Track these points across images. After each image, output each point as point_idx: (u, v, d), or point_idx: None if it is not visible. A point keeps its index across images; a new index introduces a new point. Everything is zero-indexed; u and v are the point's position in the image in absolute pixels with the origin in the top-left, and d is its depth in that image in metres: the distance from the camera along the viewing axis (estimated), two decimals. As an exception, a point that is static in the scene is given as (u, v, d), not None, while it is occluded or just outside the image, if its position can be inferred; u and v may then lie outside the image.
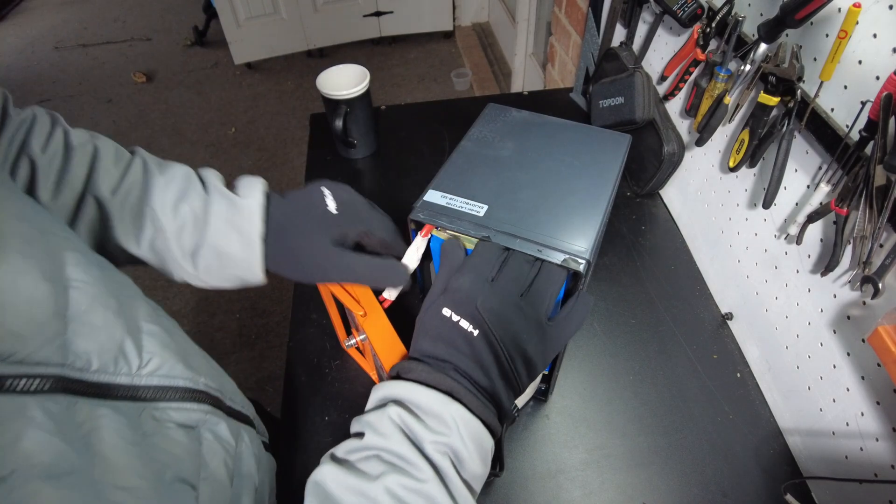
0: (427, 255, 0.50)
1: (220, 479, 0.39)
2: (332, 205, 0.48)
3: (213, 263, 0.47)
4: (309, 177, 0.96)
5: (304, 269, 0.47)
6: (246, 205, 0.47)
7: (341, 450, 0.37)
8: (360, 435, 0.37)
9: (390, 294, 0.49)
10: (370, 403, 0.40)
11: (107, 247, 0.46)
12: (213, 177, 0.49)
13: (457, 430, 0.35)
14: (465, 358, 0.39)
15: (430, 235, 0.48)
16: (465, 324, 0.39)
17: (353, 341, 0.57)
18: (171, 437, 0.36)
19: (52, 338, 0.29)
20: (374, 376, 0.65)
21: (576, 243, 0.45)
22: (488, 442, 0.38)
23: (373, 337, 0.47)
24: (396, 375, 0.40)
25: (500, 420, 0.39)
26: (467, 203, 0.48)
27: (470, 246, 0.47)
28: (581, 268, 0.43)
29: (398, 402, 0.37)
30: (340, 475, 0.34)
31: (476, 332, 0.39)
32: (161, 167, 0.48)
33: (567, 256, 0.44)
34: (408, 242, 0.50)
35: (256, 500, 0.45)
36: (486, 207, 0.48)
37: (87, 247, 0.37)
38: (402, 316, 0.53)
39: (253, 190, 0.48)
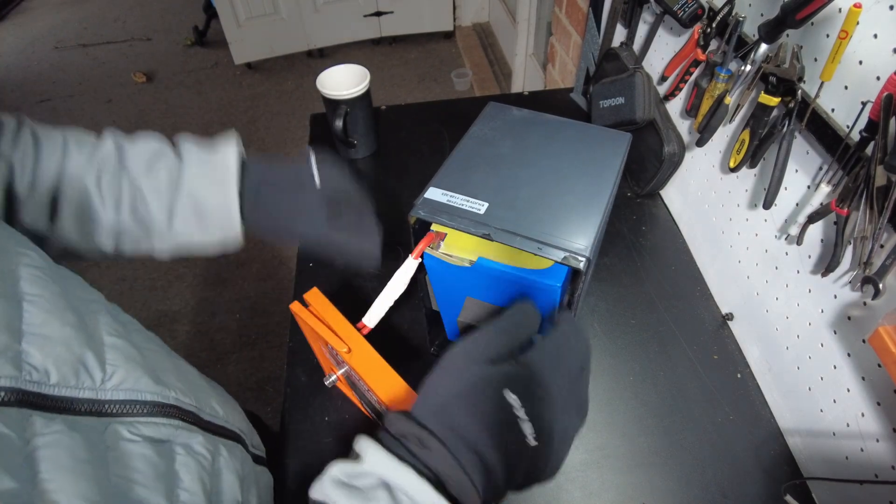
0: (421, 271, 0.50)
1: (197, 494, 0.38)
2: (314, 164, 0.49)
3: (190, 218, 0.48)
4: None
5: (280, 225, 0.48)
6: (221, 154, 0.48)
7: None
8: None
9: (370, 321, 0.48)
10: (358, 467, 0.30)
11: (94, 230, 0.48)
12: (187, 139, 0.51)
13: None
14: (498, 467, 0.31)
15: (422, 257, 0.48)
16: (528, 429, 0.31)
17: (332, 378, 0.53)
18: (137, 453, 0.34)
19: (3, 350, 0.29)
20: (363, 408, 0.61)
21: (576, 241, 0.45)
22: None
23: (363, 373, 0.43)
24: (405, 450, 0.31)
25: None
26: (468, 200, 0.48)
27: (461, 264, 0.47)
28: (581, 265, 0.43)
29: (391, 494, 0.29)
30: None
31: (534, 445, 0.31)
32: (132, 138, 0.50)
33: (567, 254, 0.44)
34: (409, 241, 0.50)
35: None
36: (486, 205, 0.48)
37: (48, 262, 0.36)
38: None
39: (227, 143, 0.49)
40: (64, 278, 0.37)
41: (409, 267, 0.48)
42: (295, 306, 0.48)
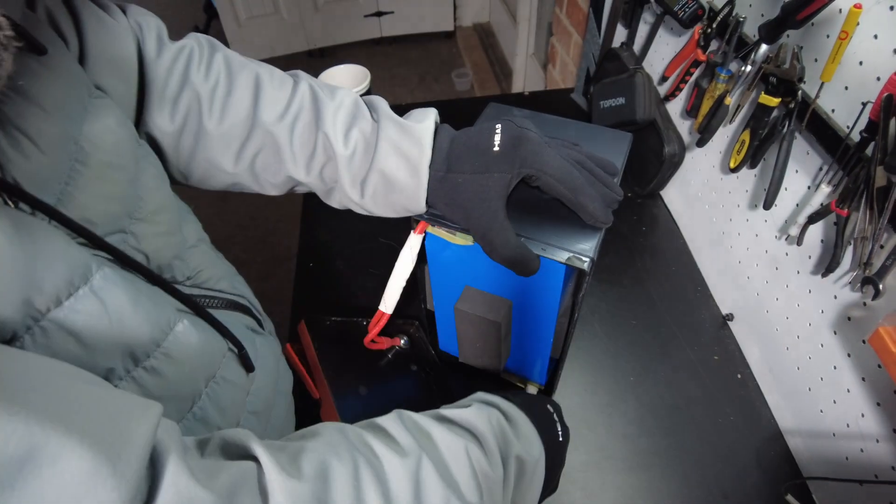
0: (423, 258, 0.50)
1: (269, 370, 0.45)
2: (497, 140, 0.43)
3: (379, 190, 0.45)
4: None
5: (456, 208, 0.44)
6: (417, 130, 0.44)
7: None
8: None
9: (386, 307, 0.49)
10: (469, 399, 0.43)
11: (275, 177, 0.46)
12: (382, 102, 0.47)
13: (535, 461, 0.39)
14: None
15: (424, 233, 0.47)
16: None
17: None
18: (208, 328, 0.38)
19: (118, 231, 0.33)
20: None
21: (579, 242, 0.45)
22: (539, 485, 0.41)
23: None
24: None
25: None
26: None
27: (463, 242, 0.46)
28: (585, 266, 0.43)
29: (500, 410, 0.41)
30: (428, 415, 0.37)
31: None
32: (328, 92, 0.46)
33: (571, 255, 0.44)
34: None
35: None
36: None
37: (160, 163, 0.40)
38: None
39: (425, 117, 0.46)
40: (168, 184, 0.41)
41: (413, 243, 0.47)
42: (288, 349, 0.57)
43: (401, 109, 0.48)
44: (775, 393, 0.65)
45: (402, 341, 0.64)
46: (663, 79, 0.83)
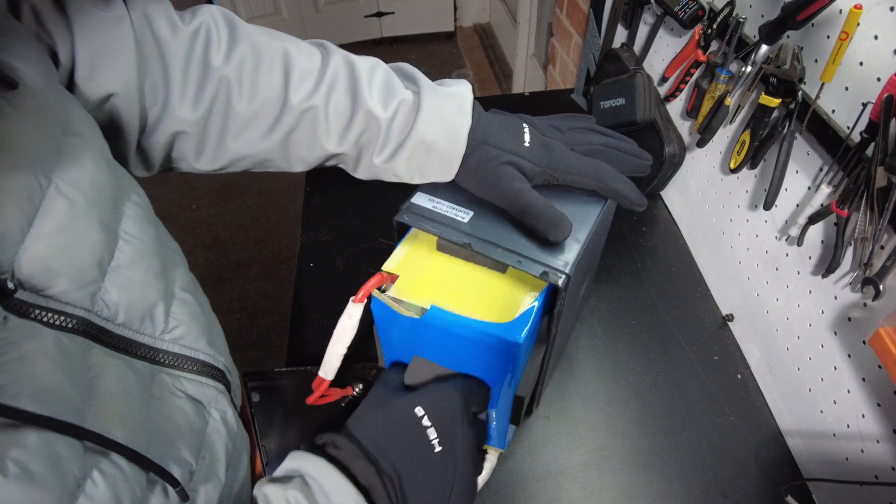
0: (368, 319, 0.45)
1: (220, 462, 0.39)
2: (527, 137, 0.44)
3: (417, 154, 0.44)
4: (310, 177, 0.96)
5: (483, 179, 0.44)
6: (458, 97, 0.44)
7: None
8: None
9: (325, 373, 0.46)
10: (281, 469, 0.37)
11: (309, 152, 0.45)
12: (412, 68, 0.47)
13: None
14: (408, 463, 0.37)
15: (367, 300, 0.43)
16: (433, 434, 0.38)
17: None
18: (178, 407, 0.35)
19: (87, 284, 0.30)
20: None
21: (558, 256, 0.43)
22: None
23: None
24: (322, 445, 0.38)
25: None
26: (453, 208, 0.47)
27: (408, 314, 0.43)
28: (560, 282, 0.41)
29: (305, 483, 0.34)
30: None
31: (439, 450, 0.38)
32: (359, 59, 0.45)
33: (546, 269, 0.42)
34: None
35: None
36: (471, 214, 0.47)
37: (149, 205, 0.37)
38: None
39: (462, 86, 0.45)
40: (158, 224, 0.38)
41: (351, 312, 0.43)
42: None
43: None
44: (775, 393, 0.65)
45: (357, 390, 0.55)
46: (663, 79, 0.83)
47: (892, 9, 0.43)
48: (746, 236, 0.68)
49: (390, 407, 0.41)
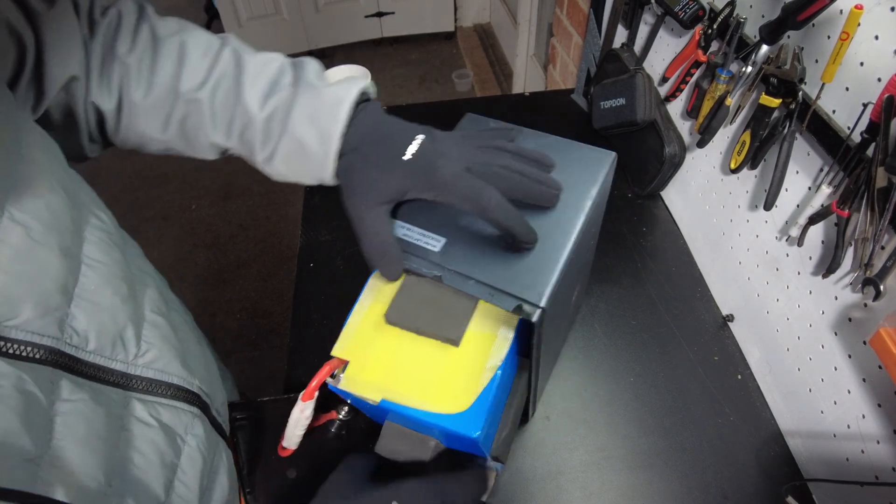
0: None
1: (193, 491, 0.38)
2: (412, 150, 0.41)
3: (291, 154, 0.44)
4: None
5: (346, 186, 0.43)
6: (334, 98, 0.43)
7: None
8: None
9: (288, 443, 0.45)
10: None
11: (198, 142, 0.45)
12: (311, 65, 0.46)
13: None
14: None
15: (313, 398, 0.42)
16: None
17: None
18: (149, 439, 0.35)
19: (52, 310, 0.29)
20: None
21: (533, 287, 0.40)
22: None
23: None
24: None
25: None
26: (424, 236, 0.44)
27: (374, 400, 0.40)
28: (534, 317, 0.38)
29: None
30: None
31: None
32: (253, 56, 0.45)
33: (520, 303, 0.39)
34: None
35: None
36: (443, 241, 0.43)
37: (116, 226, 0.37)
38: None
39: (352, 86, 0.43)
40: (126, 244, 0.38)
41: (303, 408, 0.42)
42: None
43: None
44: (775, 393, 0.65)
45: (342, 413, 0.53)
46: (664, 79, 0.83)
47: (892, 9, 0.43)
48: (747, 236, 0.68)
49: (365, 499, 0.39)
